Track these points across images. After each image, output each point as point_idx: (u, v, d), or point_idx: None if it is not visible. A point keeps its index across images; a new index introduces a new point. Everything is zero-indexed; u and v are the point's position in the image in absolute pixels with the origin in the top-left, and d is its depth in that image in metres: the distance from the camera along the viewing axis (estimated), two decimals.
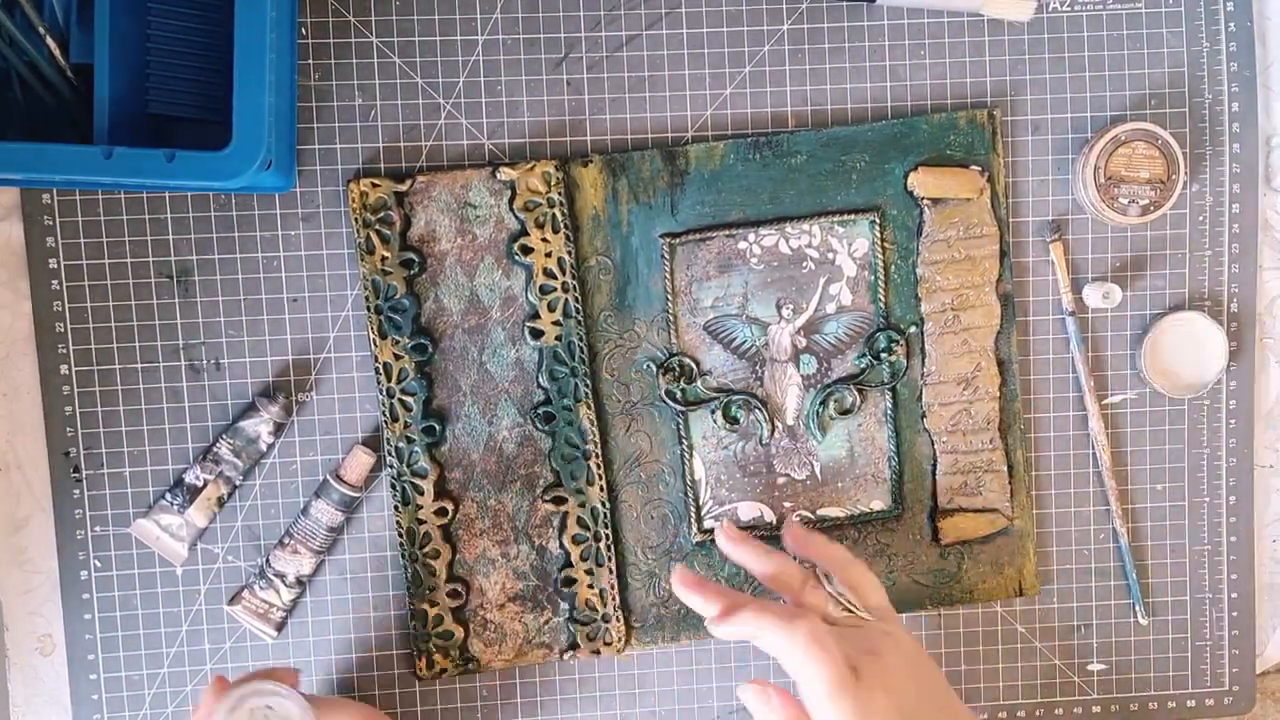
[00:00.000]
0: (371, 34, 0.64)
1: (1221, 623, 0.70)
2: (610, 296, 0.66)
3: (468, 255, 0.65)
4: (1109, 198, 0.65)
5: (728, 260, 0.66)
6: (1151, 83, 0.67)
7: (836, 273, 0.66)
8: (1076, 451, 0.69)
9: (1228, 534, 0.70)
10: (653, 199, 0.65)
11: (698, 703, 0.68)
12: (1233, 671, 0.70)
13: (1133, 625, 0.70)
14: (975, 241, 0.66)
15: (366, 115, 0.64)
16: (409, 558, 0.65)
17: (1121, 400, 0.69)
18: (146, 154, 0.53)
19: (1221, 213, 0.68)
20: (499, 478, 0.66)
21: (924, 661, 0.55)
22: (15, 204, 0.64)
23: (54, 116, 0.60)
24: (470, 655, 0.66)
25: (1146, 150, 0.65)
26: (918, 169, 0.65)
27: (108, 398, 0.64)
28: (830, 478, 0.67)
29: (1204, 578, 0.70)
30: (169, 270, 0.64)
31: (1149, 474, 0.69)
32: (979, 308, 0.66)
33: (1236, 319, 0.69)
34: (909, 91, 0.66)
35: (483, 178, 0.64)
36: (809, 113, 0.66)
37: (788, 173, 0.65)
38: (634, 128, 0.66)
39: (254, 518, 0.65)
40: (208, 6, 0.61)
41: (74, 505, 0.65)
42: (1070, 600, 0.69)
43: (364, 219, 0.64)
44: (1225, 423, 0.69)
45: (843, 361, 0.67)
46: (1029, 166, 0.67)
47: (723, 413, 0.66)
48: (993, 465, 0.67)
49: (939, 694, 0.54)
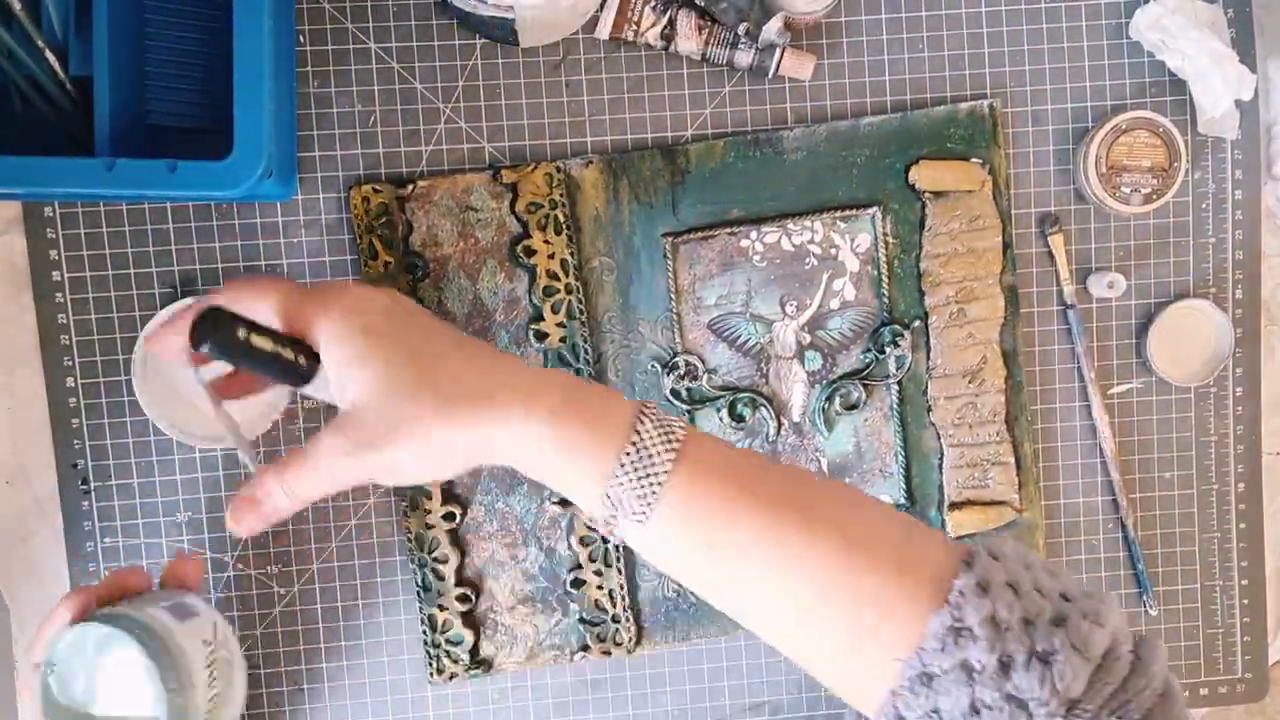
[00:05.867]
0: (369, 40, 0.64)
1: (1233, 610, 0.70)
2: (614, 297, 0.65)
3: (470, 259, 0.65)
4: (1111, 187, 0.65)
5: (730, 258, 0.66)
6: (1151, 71, 0.67)
7: (839, 268, 0.66)
8: (1084, 442, 0.69)
9: (1237, 521, 0.70)
10: (654, 198, 0.65)
11: (709, 701, 0.68)
12: (1245, 659, 0.70)
13: (1143, 615, 0.70)
14: (978, 234, 0.66)
15: (366, 121, 0.64)
16: (418, 563, 0.65)
17: (1128, 389, 0.69)
18: (148, 165, 0.53)
19: (1224, 200, 0.68)
20: (506, 481, 0.66)
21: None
22: (17, 217, 0.64)
23: (52, 129, 0.60)
24: (482, 658, 0.66)
25: (1148, 139, 0.65)
26: (919, 163, 0.65)
27: (115, 409, 0.64)
28: (838, 473, 0.67)
29: (1214, 566, 0.70)
30: (172, 280, 0.64)
31: (1157, 463, 0.69)
32: (983, 300, 0.66)
33: (1241, 306, 0.68)
34: (908, 85, 0.66)
35: (484, 181, 0.64)
36: (808, 109, 0.66)
37: (789, 169, 0.65)
38: (634, 128, 0.66)
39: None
40: (205, 17, 0.61)
41: (83, 517, 0.65)
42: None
43: (366, 225, 0.64)
44: (1232, 410, 0.69)
45: (848, 357, 0.67)
46: (1030, 158, 0.67)
47: (729, 410, 0.66)
48: (1000, 457, 0.67)
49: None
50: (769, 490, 0.44)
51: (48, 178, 0.53)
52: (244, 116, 0.53)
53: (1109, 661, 0.40)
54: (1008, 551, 0.43)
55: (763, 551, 0.43)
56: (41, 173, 0.53)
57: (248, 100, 0.53)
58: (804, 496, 0.45)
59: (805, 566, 0.43)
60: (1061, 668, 0.39)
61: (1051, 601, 0.41)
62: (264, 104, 0.52)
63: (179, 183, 0.53)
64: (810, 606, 0.43)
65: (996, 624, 0.40)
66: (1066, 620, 0.40)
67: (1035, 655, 0.39)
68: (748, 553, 0.43)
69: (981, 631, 0.40)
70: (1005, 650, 0.39)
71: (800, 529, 0.43)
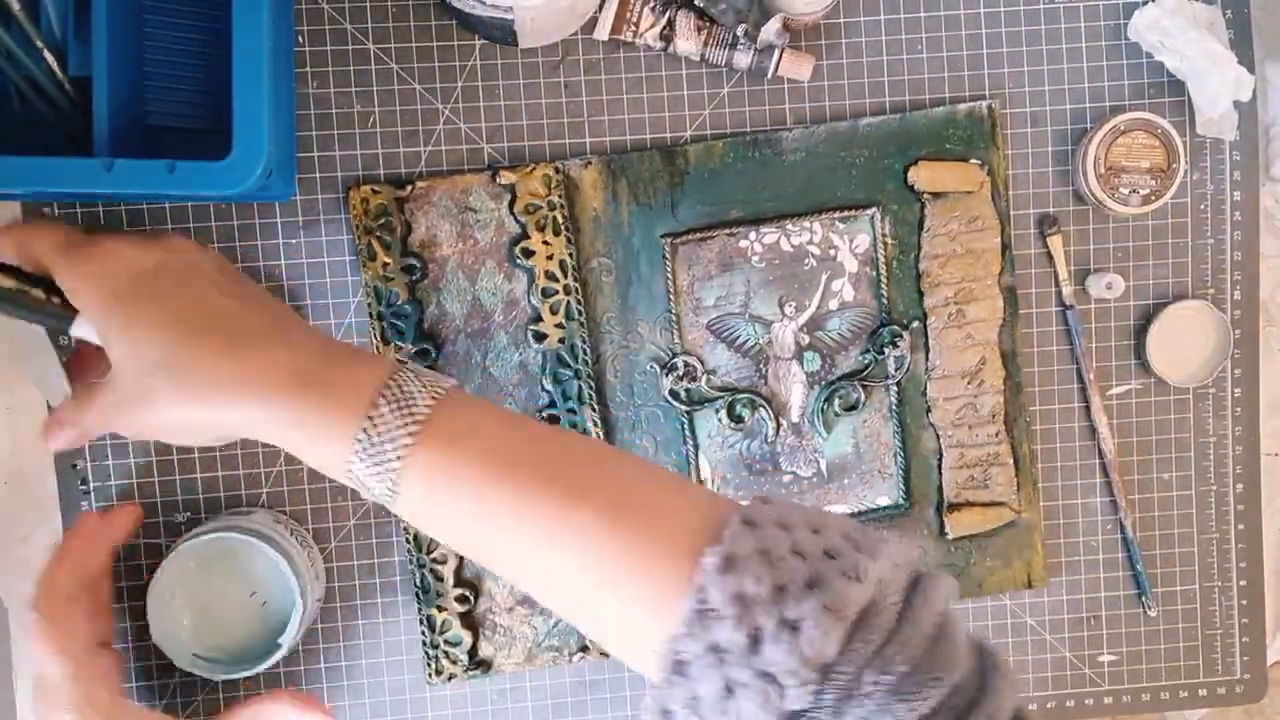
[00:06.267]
0: (368, 41, 0.64)
1: (1231, 612, 0.70)
2: (613, 298, 0.66)
3: (469, 260, 0.65)
4: (1110, 188, 0.65)
5: (729, 259, 0.66)
6: (1149, 73, 0.67)
7: (838, 269, 0.66)
8: (1082, 443, 0.69)
9: (1235, 522, 0.70)
10: (653, 199, 0.65)
11: None
12: (1243, 660, 0.70)
13: (1142, 616, 0.70)
14: (977, 235, 0.66)
15: (365, 122, 0.64)
16: (417, 564, 0.65)
17: (1127, 390, 0.69)
18: (148, 165, 0.53)
19: (1223, 201, 0.68)
20: None
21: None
22: (16, 218, 0.64)
23: (52, 130, 0.60)
24: (481, 659, 0.66)
25: (1146, 140, 0.65)
26: (918, 163, 0.65)
27: None
28: (836, 474, 0.67)
29: (1212, 567, 0.70)
30: None
31: (1155, 464, 0.69)
32: (982, 301, 0.66)
33: (1240, 307, 0.68)
34: (907, 86, 0.66)
35: (482, 182, 0.64)
36: (807, 110, 0.66)
37: (787, 170, 0.65)
38: (632, 128, 0.66)
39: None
40: (204, 16, 0.61)
41: None
42: (1079, 592, 0.69)
43: (365, 226, 0.64)
44: (1231, 411, 0.69)
45: (846, 358, 0.67)
46: (1029, 159, 0.67)
47: (728, 411, 0.66)
48: (999, 458, 0.67)
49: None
50: (526, 463, 0.44)
51: (47, 178, 0.53)
52: (243, 115, 0.53)
53: (869, 617, 0.37)
54: (768, 514, 0.40)
55: (520, 528, 0.43)
56: (41, 173, 0.53)
57: (247, 99, 0.52)
58: (563, 467, 0.44)
59: (564, 542, 0.42)
60: (810, 633, 0.36)
61: (810, 563, 0.38)
62: (264, 102, 0.52)
63: (178, 183, 0.53)
64: (576, 585, 0.42)
65: (744, 599, 0.37)
66: (822, 580, 0.37)
67: (784, 624, 0.37)
68: (505, 527, 0.43)
69: (728, 610, 0.37)
70: (754, 624, 0.37)
71: (558, 504, 0.42)
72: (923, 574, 0.40)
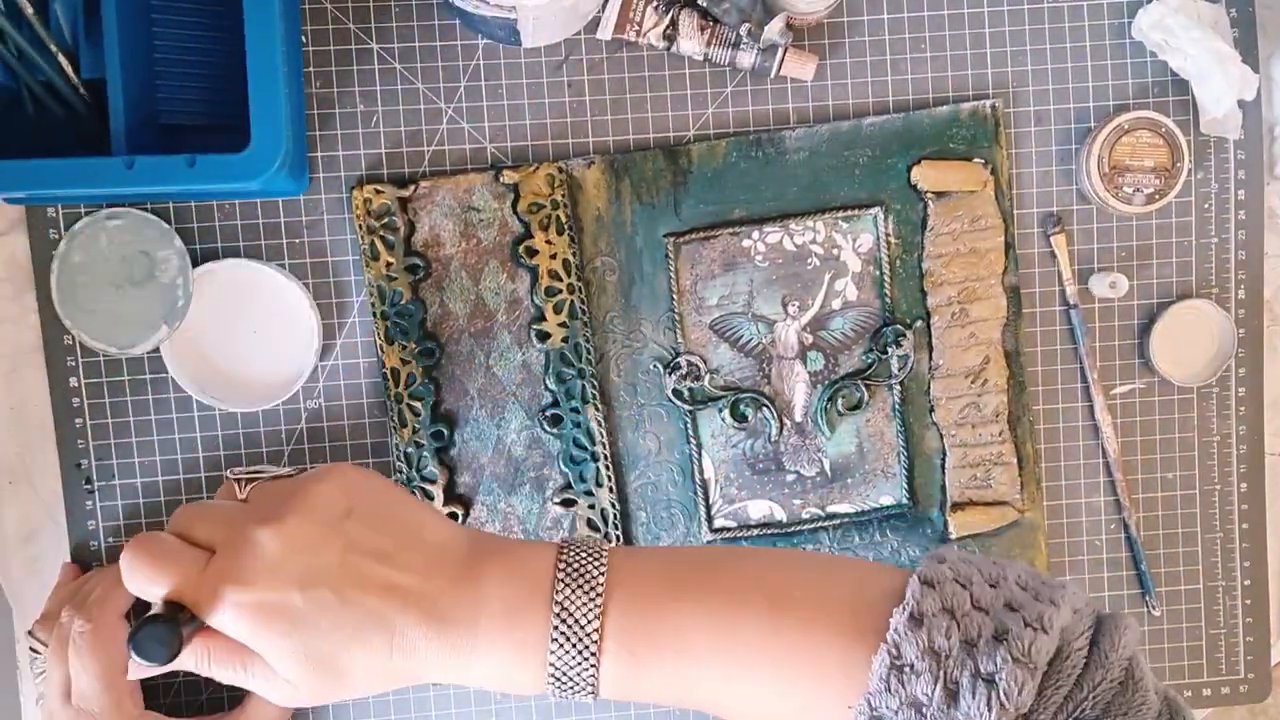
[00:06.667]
0: (372, 40, 0.64)
1: (1235, 611, 0.70)
2: (616, 297, 0.66)
3: (472, 259, 0.65)
4: (1113, 187, 0.65)
5: (732, 258, 0.66)
6: (1153, 71, 0.67)
7: (841, 268, 0.66)
8: (1086, 443, 0.69)
9: (1239, 522, 0.69)
10: (656, 199, 0.65)
11: None
12: (1247, 659, 0.70)
13: (1146, 615, 0.70)
14: (980, 234, 0.66)
15: (368, 122, 0.65)
16: None
17: (1130, 390, 0.69)
18: (168, 161, 0.53)
19: (1226, 200, 0.68)
20: (508, 481, 0.66)
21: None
22: (20, 217, 0.64)
23: (64, 132, 0.60)
24: None
25: (1150, 139, 0.65)
26: (921, 163, 0.65)
27: (118, 408, 0.65)
28: (840, 474, 0.67)
29: (1216, 566, 0.70)
30: None
31: (1159, 463, 0.69)
32: (986, 300, 0.66)
33: (1244, 306, 0.68)
34: (911, 85, 0.66)
35: (486, 181, 0.64)
36: (810, 109, 0.66)
37: (790, 169, 0.65)
38: (635, 128, 0.66)
39: None
40: (211, 14, 0.61)
41: (86, 516, 0.65)
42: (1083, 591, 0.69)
43: (368, 225, 0.64)
44: (1235, 410, 0.69)
45: (850, 357, 0.67)
46: (1032, 158, 0.67)
47: (731, 411, 0.66)
48: (1002, 458, 0.67)
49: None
50: (696, 587, 0.44)
51: (71, 179, 0.53)
52: (260, 105, 0.53)
53: (1058, 665, 0.39)
54: (945, 573, 0.42)
55: (717, 654, 0.43)
56: (64, 174, 0.53)
57: (263, 90, 0.53)
58: (731, 579, 0.44)
59: (758, 649, 0.43)
60: (1006, 685, 0.38)
61: (994, 616, 0.40)
62: (279, 92, 0.53)
63: (198, 176, 0.53)
64: (767, 678, 0.43)
65: (936, 654, 0.39)
66: (1009, 633, 0.39)
67: (980, 677, 0.38)
68: (704, 660, 0.43)
69: (922, 665, 0.39)
70: (950, 678, 0.39)
71: (746, 615, 0.43)
72: (1104, 617, 0.41)
